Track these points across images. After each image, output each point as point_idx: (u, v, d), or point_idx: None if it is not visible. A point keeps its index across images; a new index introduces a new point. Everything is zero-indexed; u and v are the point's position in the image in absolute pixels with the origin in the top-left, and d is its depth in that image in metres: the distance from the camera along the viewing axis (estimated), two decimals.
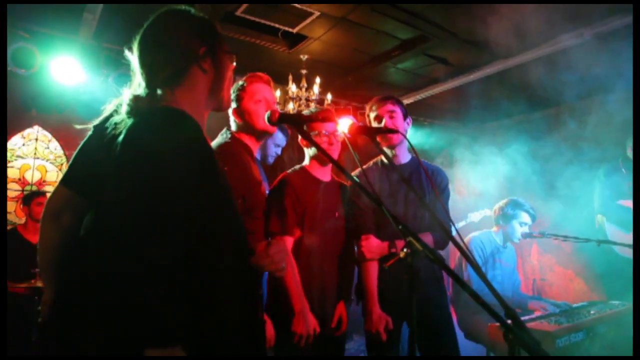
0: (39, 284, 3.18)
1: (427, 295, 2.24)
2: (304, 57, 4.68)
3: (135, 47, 1.26)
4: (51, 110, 4.50)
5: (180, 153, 1.00)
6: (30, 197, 3.89)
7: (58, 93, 4.31)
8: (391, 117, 2.32)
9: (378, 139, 2.28)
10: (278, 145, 3.03)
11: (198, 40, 1.25)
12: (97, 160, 1.13)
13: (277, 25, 4.16)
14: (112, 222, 0.95)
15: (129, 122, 1.09)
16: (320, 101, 4.88)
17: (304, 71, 4.71)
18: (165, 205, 0.93)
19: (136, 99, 1.18)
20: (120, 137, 1.04)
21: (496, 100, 5.41)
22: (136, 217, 0.92)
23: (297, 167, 2.38)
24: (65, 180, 1.27)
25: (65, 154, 4.73)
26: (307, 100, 4.59)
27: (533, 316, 2.87)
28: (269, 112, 1.52)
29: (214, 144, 2.01)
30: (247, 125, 2.05)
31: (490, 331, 2.58)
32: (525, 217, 3.38)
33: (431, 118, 6.57)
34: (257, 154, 2.18)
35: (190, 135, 1.06)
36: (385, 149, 2.37)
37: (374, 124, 2.36)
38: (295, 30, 4.23)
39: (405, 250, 1.28)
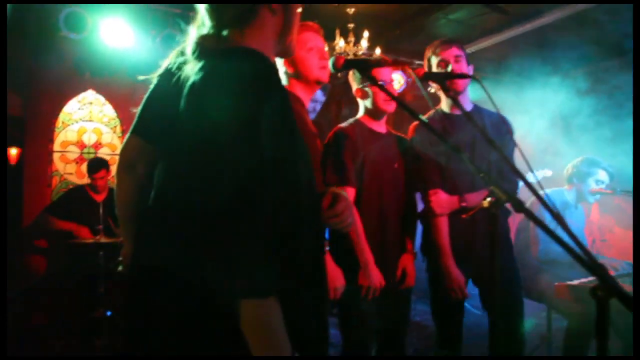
0: (103, 239, 3.31)
1: (492, 251, 2.14)
2: (350, 10, 4.50)
3: None
4: (103, 74, 4.57)
5: (261, 93, 0.94)
6: (89, 172, 3.96)
7: (109, 56, 4.36)
8: (457, 62, 2.15)
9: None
10: (315, 101, 2.92)
11: None
12: (165, 107, 1.08)
13: None
14: (192, 168, 0.91)
15: (200, 63, 1.04)
16: (369, 56, 4.72)
17: (351, 25, 4.54)
18: (249, 146, 0.88)
19: (203, 38, 1.12)
20: (195, 78, 0.98)
21: (556, 49, 5.05)
22: (219, 161, 0.87)
23: (351, 120, 2.31)
24: (136, 130, 1.24)
25: (118, 117, 4.84)
26: (355, 55, 4.45)
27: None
28: (333, 58, 1.43)
29: None
30: (300, 75, 1.98)
31: (558, 290, 2.48)
32: (602, 175, 3.16)
33: (484, 72, 6.25)
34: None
35: (271, 75, 1.00)
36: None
37: (436, 70, 2.22)
38: None
39: (489, 199, 1.20)
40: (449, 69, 2.15)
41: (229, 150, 0.88)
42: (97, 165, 3.96)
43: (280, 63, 2.02)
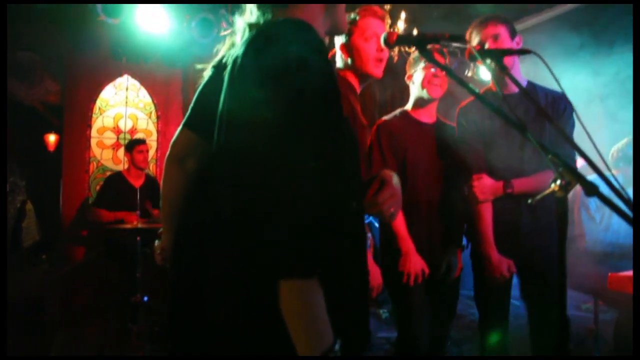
0: (140, 225, 3.34)
1: (537, 240, 2.05)
2: None
3: None
4: (138, 59, 4.60)
5: (309, 62, 0.87)
6: (132, 145, 4.05)
7: (144, 41, 4.39)
8: (495, 41, 2.03)
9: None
10: None
11: None
12: (216, 100, 1.02)
13: None
14: (237, 149, 0.86)
15: (245, 38, 0.98)
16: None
17: (387, 6, 4.40)
18: (297, 124, 0.82)
19: (251, 26, 1.07)
20: (238, 52, 0.92)
21: (611, 24, 4.75)
22: (266, 139, 0.82)
23: (397, 111, 2.29)
24: (188, 123, 1.19)
25: (153, 102, 4.87)
26: None
27: None
28: (385, 34, 1.34)
29: None
30: (354, 65, 1.89)
31: (612, 281, 2.35)
32: None
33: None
34: None
35: (319, 43, 0.93)
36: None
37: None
38: None
39: (558, 182, 1.10)
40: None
41: (270, 134, 0.82)
42: (137, 140, 4.13)
43: (337, 47, 1.95)
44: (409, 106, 2.28)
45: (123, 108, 4.79)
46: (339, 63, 1.96)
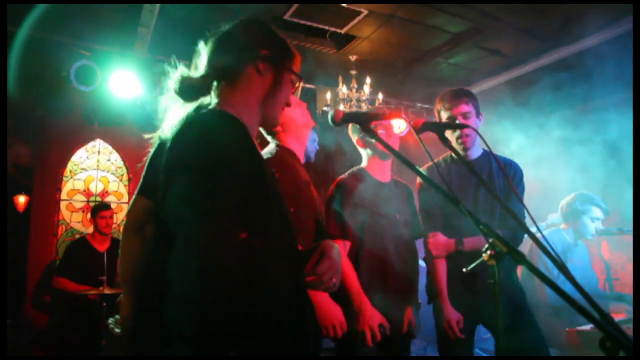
0: (107, 291, 3.29)
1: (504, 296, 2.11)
2: (352, 58, 4.62)
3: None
4: (111, 124, 4.68)
5: (228, 154, 0.98)
6: (95, 211, 4.06)
7: (117, 106, 4.48)
8: (466, 119, 2.17)
9: (447, 134, 2.15)
10: (314, 140, 2.97)
11: (262, 43, 1.24)
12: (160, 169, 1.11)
13: (325, 27, 4.13)
14: (172, 230, 0.95)
15: (177, 126, 1.08)
16: (372, 101, 4.80)
17: (353, 72, 4.65)
18: (220, 211, 0.92)
19: (188, 79, 1.20)
20: (169, 143, 1.04)
21: (557, 89, 5.12)
22: (187, 232, 0.92)
23: (354, 169, 2.33)
24: (141, 190, 1.25)
25: (125, 165, 4.91)
26: (358, 101, 4.53)
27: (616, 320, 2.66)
28: (332, 113, 1.46)
29: (262, 153, 2.02)
30: (288, 127, 2.06)
31: (569, 337, 2.41)
32: (596, 212, 3.15)
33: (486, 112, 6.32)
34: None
35: (238, 136, 1.04)
36: (455, 144, 2.21)
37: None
38: (343, 31, 4.19)
39: (488, 252, 1.18)
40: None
41: (193, 224, 0.91)
42: (101, 205, 4.13)
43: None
44: (364, 164, 2.34)
45: (94, 171, 4.82)
46: (275, 137, 2.11)
